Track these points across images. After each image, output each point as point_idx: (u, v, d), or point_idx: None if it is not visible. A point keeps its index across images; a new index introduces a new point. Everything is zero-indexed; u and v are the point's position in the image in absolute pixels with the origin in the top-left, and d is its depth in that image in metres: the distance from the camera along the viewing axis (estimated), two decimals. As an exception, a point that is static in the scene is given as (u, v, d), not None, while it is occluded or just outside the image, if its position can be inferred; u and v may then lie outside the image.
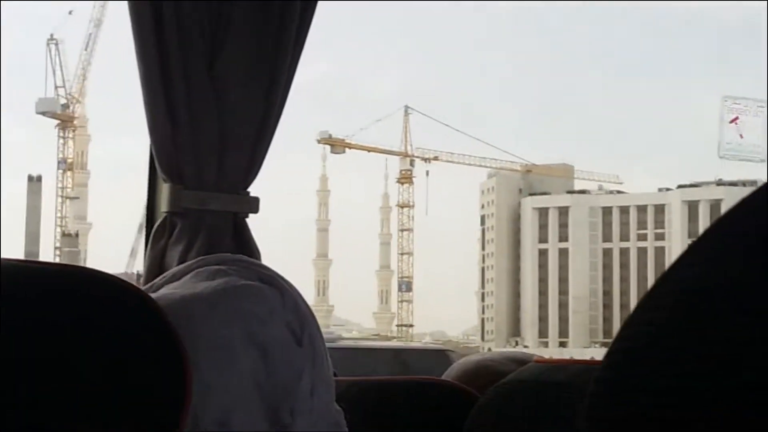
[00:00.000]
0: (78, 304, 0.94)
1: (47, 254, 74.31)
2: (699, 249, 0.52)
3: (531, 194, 74.43)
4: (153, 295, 1.05)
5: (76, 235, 79.78)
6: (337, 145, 72.89)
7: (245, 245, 2.23)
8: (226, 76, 2.20)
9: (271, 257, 1.98)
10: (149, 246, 2.27)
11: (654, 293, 0.51)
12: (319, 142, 72.54)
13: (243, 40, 2.22)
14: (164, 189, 2.26)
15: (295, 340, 1.05)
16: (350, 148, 73.87)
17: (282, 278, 1.11)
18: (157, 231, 2.26)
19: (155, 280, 1.15)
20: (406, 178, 76.04)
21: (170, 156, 2.22)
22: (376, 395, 1.46)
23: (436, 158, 75.42)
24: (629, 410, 0.48)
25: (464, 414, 1.34)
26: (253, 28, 2.22)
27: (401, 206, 76.10)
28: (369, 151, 74.21)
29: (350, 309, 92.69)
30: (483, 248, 77.46)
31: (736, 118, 31.10)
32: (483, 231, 77.70)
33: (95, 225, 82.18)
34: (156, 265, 2.22)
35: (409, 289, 73.35)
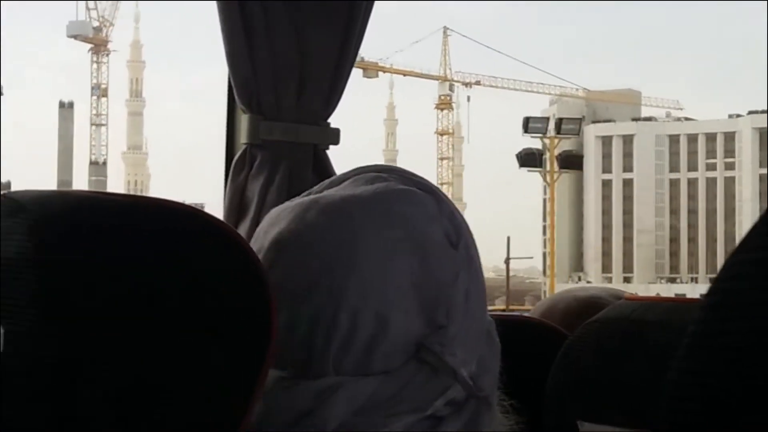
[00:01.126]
0: (154, 237, 0.93)
1: (82, 183, 74.27)
2: None
3: (594, 122, 71.85)
4: (313, 197, 1.08)
5: (104, 163, 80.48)
6: (370, 69, 70.62)
7: (327, 178, 1.91)
8: (304, 5, 2.21)
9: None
10: (230, 178, 2.27)
11: (757, 231, 0.52)
12: (350, 65, 70.35)
13: None
14: (243, 120, 2.26)
15: (450, 243, 1.06)
16: (384, 72, 71.93)
17: (438, 188, 1.12)
18: (237, 163, 2.27)
19: (313, 188, 1.13)
20: (445, 104, 74.11)
21: (249, 85, 2.21)
22: None
23: (478, 83, 73.58)
24: (727, 349, 0.50)
25: (554, 352, 1.32)
26: None
27: (440, 134, 74.46)
28: (405, 75, 72.22)
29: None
30: (544, 179, 75.38)
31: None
32: (543, 161, 75.57)
33: (152, 154, 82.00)
34: (237, 198, 2.24)
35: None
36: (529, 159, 58.47)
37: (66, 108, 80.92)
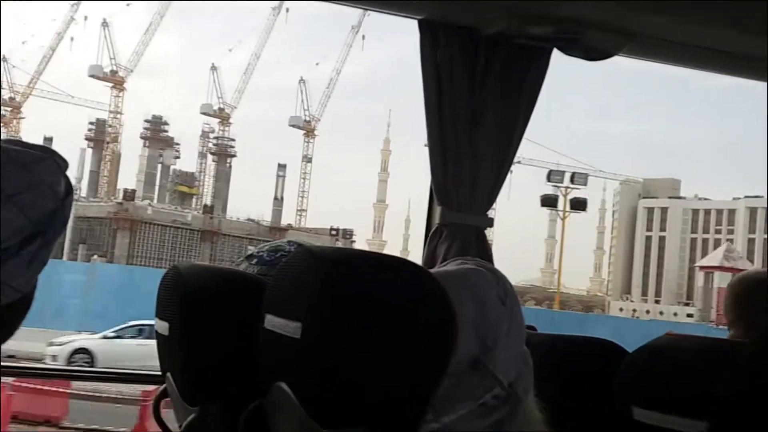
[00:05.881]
0: (390, 280, 1.74)
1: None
2: None
3: (644, 197, 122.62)
4: (436, 271, 1.88)
5: (280, 198, 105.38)
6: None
7: (483, 247, 3.63)
8: (480, 141, 3.50)
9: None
10: (427, 244, 3.65)
11: None
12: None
13: (491, 119, 3.45)
14: (437, 210, 3.63)
15: (501, 302, 1.85)
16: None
17: (498, 270, 1.91)
18: (432, 235, 3.62)
19: (433, 268, 1.93)
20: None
21: (442, 189, 3.55)
22: (556, 345, 2.40)
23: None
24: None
25: (616, 363, 2.04)
26: (498, 111, 3.51)
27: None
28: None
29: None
30: (612, 232, 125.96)
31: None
32: (612, 222, 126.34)
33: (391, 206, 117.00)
34: (431, 256, 3.64)
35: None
36: (548, 201, 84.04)
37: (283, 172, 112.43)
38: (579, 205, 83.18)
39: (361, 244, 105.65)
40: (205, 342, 2.17)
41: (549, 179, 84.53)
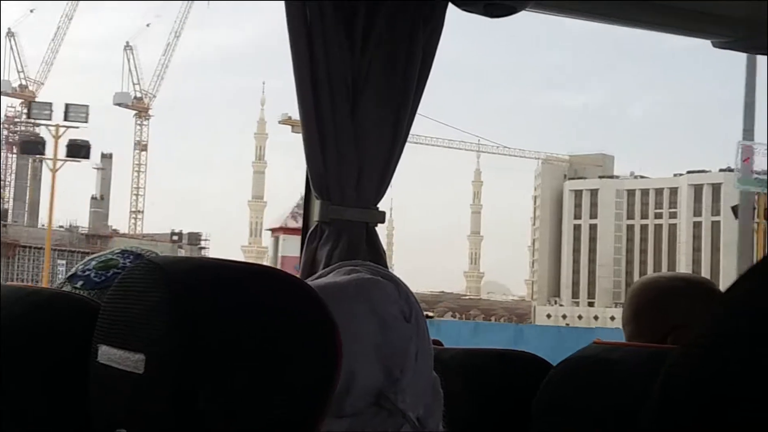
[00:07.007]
0: (258, 294, 1.69)
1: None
2: (758, 270, 0.86)
3: (570, 179, 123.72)
4: (313, 282, 1.87)
5: (102, 198, 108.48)
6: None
7: (374, 248, 3.72)
8: (363, 119, 3.56)
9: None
10: (305, 246, 3.72)
11: (725, 301, 0.87)
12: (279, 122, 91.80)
13: (376, 92, 3.54)
14: (316, 204, 3.70)
15: (405, 318, 1.82)
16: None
17: (398, 278, 1.92)
18: (311, 235, 3.70)
19: (310, 278, 1.96)
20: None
21: (321, 179, 3.61)
22: (469, 361, 2.50)
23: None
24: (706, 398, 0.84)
25: (540, 379, 2.20)
26: (384, 82, 3.57)
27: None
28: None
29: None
30: (534, 223, 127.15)
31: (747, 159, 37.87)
32: (534, 210, 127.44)
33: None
34: (310, 261, 3.67)
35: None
36: (30, 147, 78.79)
37: (106, 158, 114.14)
38: (78, 150, 77.88)
39: (234, 252, 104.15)
40: (19, 385, 2.04)
41: (30, 115, 77.45)
